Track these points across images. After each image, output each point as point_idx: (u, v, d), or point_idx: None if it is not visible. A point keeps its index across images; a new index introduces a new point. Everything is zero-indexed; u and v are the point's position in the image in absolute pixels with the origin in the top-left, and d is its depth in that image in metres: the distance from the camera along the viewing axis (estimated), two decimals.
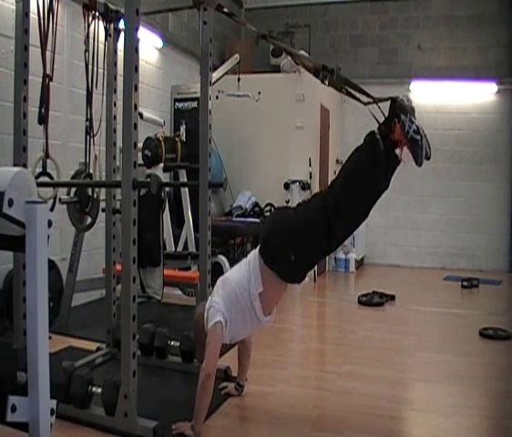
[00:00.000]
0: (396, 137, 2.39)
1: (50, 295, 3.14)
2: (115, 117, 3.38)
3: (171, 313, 4.84)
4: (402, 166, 2.47)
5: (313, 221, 2.51)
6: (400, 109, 2.39)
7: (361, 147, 2.48)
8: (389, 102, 2.45)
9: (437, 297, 6.16)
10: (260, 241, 2.66)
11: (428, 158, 2.40)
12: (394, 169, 2.48)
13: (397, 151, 2.43)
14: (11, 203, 1.78)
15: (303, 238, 2.52)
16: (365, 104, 2.54)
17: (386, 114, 2.45)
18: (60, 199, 3.23)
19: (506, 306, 6.10)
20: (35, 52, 2.92)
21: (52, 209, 2.92)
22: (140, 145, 4.82)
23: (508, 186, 7.94)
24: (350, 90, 2.65)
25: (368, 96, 2.51)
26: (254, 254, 2.65)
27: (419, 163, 2.38)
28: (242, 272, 2.63)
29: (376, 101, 2.50)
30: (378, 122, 2.46)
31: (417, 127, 2.36)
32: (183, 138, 5.81)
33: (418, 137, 2.35)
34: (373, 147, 2.41)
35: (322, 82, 2.63)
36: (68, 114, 4.80)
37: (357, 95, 2.61)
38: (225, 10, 2.81)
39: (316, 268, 6.44)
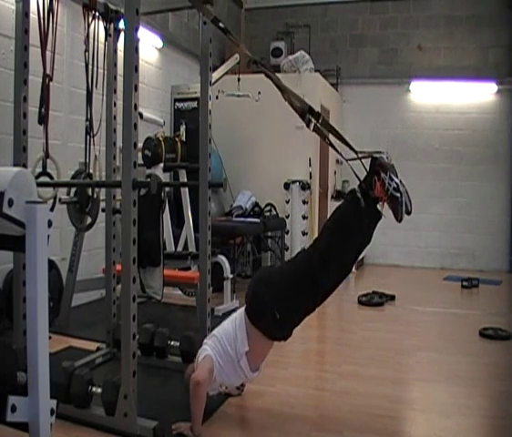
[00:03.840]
0: (377, 194, 2.44)
1: (50, 295, 3.14)
2: (115, 117, 3.38)
3: (171, 313, 4.84)
4: (384, 219, 2.52)
5: (299, 277, 2.54)
6: (380, 166, 2.43)
7: (342, 205, 2.55)
8: (370, 157, 2.48)
9: (437, 297, 6.16)
10: (246, 300, 2.67)
11: (409, 214, 2.46)
12: (375, 224, 2.54)
13: (379, 207, 2.48)
14: (11, 203, 1.78)
15: (289, 295, 2.53)
16: (347, 160, 2.54)
17: (368, 168, 2.48)
18: (60, 199, 3.23)
19: (506, 306, 6.10)
20: (35, 52, 2.92)
21: (52, 209, 2.91)
22: (140, 145, 4.82)
23: (508, 186, 7.94)
24: (332, 141, 2.63)
25: (351, 149, 2.52)
26: (240, 312, 2.67)
27: (399, 219, 2.46)
28: (229, 329, 2.63)
29: (359, 157, 2.50)
30: (359, 179, 2.49)
31: (397, 184, 2.42)
32: (183, 138, 5.80)
33: (398, 195, 2.42)
34: (355, 205, 2.45)
35: (307, 126, 2.60)
36: (68, 114, 4.80)
37: (339, 147, 2.61)
38: (221, 25, 2.78)
39: None
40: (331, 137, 2.66)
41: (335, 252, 2.49)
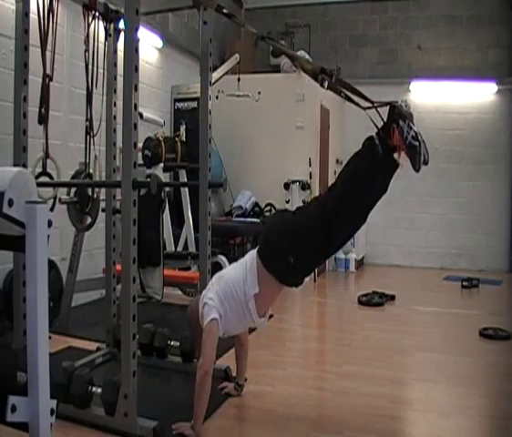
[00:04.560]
0: (395, 143, 2.40)
1: (50, 295, 3.14)
2: (115, 117, 3.38)
3: (171, 313, 4.83)
4: (400, 169, 2.48)
5: (313, 224, 2.51)
6: (398, 115, 2.40)
7: (360, 152, 2.50)
8: (388, 107, 2.45)
9: (437, 297, 6.16)
10: (259, 242, 2.66)
11: (426, 163, 2.41)
12: (392, 174, 2.49)
13: (396, 156, 2.44)
14: (11, 203, 1.78)
15: (303, 240, 2.51)
16: (364, 108, 2.54)
17: (385, 118, 2.46)
18: (60, 199, 3.23)
19: (506, 306, 6.10)
20: (35, 52, 2.92)
21: (52, 209, 2.91)
22: (140, 145, 4.82)
23: (508, 186, 7.94)
24: (349, 94, 2.64)
25: (367, 100, 2.51)
26: (252, 255, 2.64)
27: (417, 168, 2.39)
28: (239, 271, 2.62)
29: (375, 106, 2.50)
30: (377, 127, 2.46)
31: (416, 132, 2.37)
32: (183, 138, 5.81)
33: (416, 143, 2.36)
34: (372, 152, 2.42)
35: (321, 85, 2.61)
36: (68, 114, 4.80)
37: (356, 99, 2.60)
38: (225, 11, 2.80)
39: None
40: (345, 94, 2.66)
41: (349, 204, 2.46)
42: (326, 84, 2.60)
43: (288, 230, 2.56)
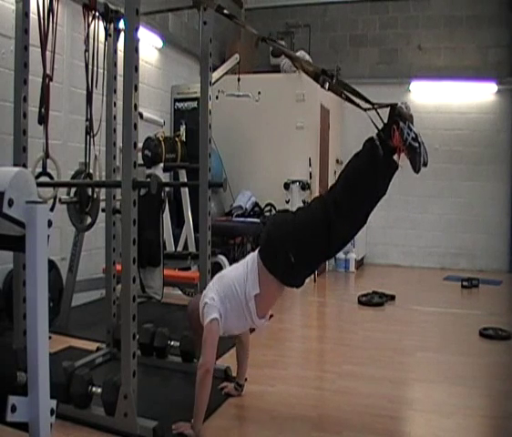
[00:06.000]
0: (395, 144, 2.41)
1: (50, 295, 3.14)
2: (115, 117, 3.38)
3: (171, 313, 4.83)
4: (400, 171, 2.48)
5: (314, 224, 2.52)
6: (399, 116, 2.42)
7: (360, 153, 2.51)
8: (388, 108, 2.46)
9: (437, 297, 6.16)
10: (260, 242, 2.66)
11: (425, 165, 2.43)
12: (392, 175, 2.50)
13: (395, 157, 2.45)
14: (11, 203, 1.78)
15: (304, 240, 2.51)
16: (365, 110, 2.55)
17: (385, 120, 2.47)
18: (60, 199, 3.23)
19: (506, 306, 6.10)
20: (35, 52, 2.92)
21: (52, 209, 2.91)
22: (140, 145, 4.82)
23: (508, 186, 7.94)
24: (349, 95, 2.65)
25: (367, 101, 2.53)
26: (253, 255, 2.65)
27: (417, 170, 2.41)
28: (240, 271, 2.63)
29: (375, 107, 2.51)
30: (377, 128, 2.47)
31: (416, 134, 2.39)
32: (183, 138, 5.80)
33: (416, 145, 2.38)
34: (373, 153, 2.43)
35: (322, 86, 2.61)
36: (68, 114, 4.80)
37: (357, 100, 2.61)
38: (225, 11, 2.80)
39: None
40: (346, 95, 2.67)
41: (350, 203, 2.47)
42: (327, 85, 2.61)
43: (289, 230, 2.57)
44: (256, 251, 2.65)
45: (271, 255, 2.56)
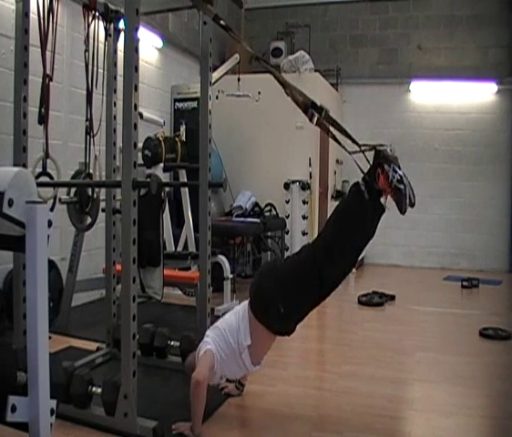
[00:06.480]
0: (381, 186, 2.43)
1: (50, 295, 3.14)
2: (115, 117, 3.38)
3: (171, 313, 4.84)
4: (387, 212, 2.51)
5: (304, 271, 2.54)
6: (384, 159, 2.43)
7: (346, 198, 2.56)
8: (374, 149, 2.47)
9: (437, 297, 6.16)
10: (250, 293, 2.67)
11: (412, 206, 2.45)
12: (379, 217, 2.53)
13: (382, 200, 2.47)
14: (11, 203, 1.78)
15: (293, 288, 2.53)
16: (350, 153, 2.54)
17: (371, 161, 2.47)
18: (60, 199, 3.23)
19: (506, 306, 6.10)
20: (35, 52, 2.92)
21: (52, 209, 2.91)
22: (140, 145, 4.82)
23: (508, 186, 7.94)
24: (335, 135, 2.63)
25: (354, 142, 2.52)
26: (244, 305, 2.67)
27: (403, 211, 2.44)
28: (232, 321, 2.64)
29: (362, 150, 2.50)
30: (362, 172, 2.48)
31: (401, 176, 2.40)
32: (183, 138, 5.80)
33: (402, 187, 2.40)
34: (359, 198, 2.45)
35: (310, 120, 2.59)
36: (68, 114, 4.80)
37: (343, 142, 2.60)
38: (222, 23, 2.78)
39: None
40: (332, 134, 2.66)
41: (339, 246, 2.49)
42: (315, 120, 2.58)
43: (278, 279, 2.59)
44: (247, 301, 2.66)
45: (261, 306, 2.59)
